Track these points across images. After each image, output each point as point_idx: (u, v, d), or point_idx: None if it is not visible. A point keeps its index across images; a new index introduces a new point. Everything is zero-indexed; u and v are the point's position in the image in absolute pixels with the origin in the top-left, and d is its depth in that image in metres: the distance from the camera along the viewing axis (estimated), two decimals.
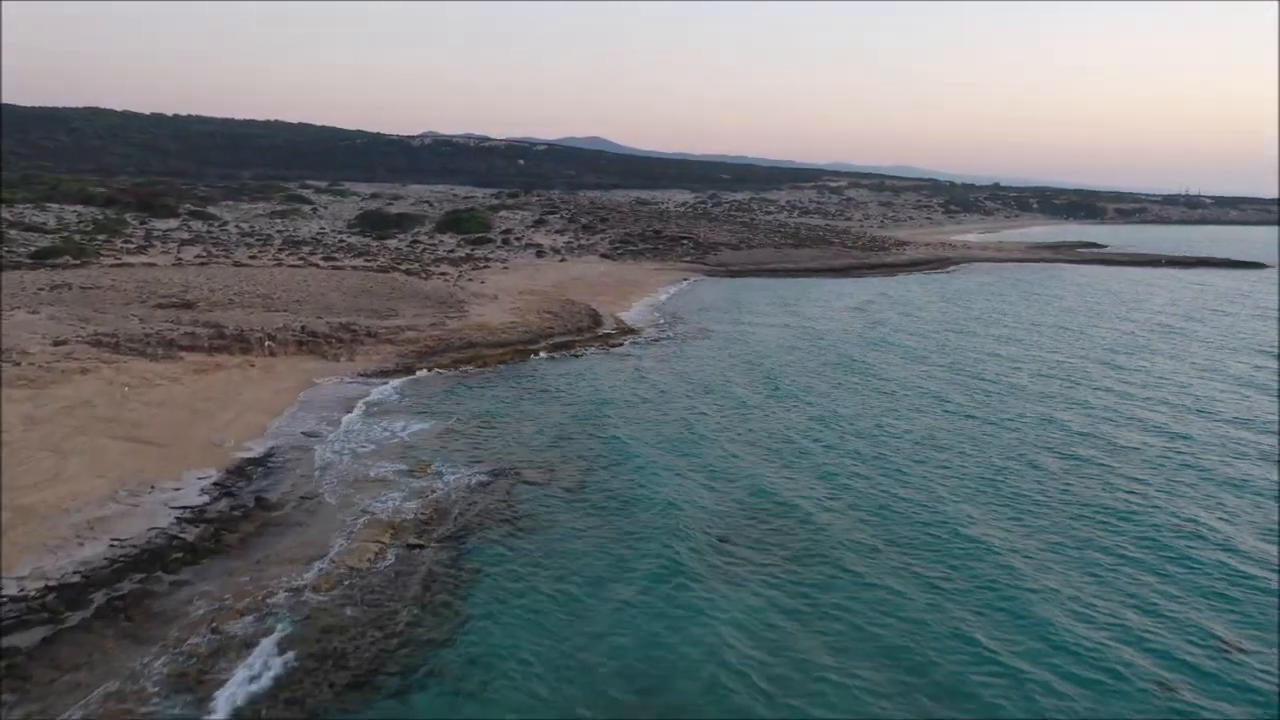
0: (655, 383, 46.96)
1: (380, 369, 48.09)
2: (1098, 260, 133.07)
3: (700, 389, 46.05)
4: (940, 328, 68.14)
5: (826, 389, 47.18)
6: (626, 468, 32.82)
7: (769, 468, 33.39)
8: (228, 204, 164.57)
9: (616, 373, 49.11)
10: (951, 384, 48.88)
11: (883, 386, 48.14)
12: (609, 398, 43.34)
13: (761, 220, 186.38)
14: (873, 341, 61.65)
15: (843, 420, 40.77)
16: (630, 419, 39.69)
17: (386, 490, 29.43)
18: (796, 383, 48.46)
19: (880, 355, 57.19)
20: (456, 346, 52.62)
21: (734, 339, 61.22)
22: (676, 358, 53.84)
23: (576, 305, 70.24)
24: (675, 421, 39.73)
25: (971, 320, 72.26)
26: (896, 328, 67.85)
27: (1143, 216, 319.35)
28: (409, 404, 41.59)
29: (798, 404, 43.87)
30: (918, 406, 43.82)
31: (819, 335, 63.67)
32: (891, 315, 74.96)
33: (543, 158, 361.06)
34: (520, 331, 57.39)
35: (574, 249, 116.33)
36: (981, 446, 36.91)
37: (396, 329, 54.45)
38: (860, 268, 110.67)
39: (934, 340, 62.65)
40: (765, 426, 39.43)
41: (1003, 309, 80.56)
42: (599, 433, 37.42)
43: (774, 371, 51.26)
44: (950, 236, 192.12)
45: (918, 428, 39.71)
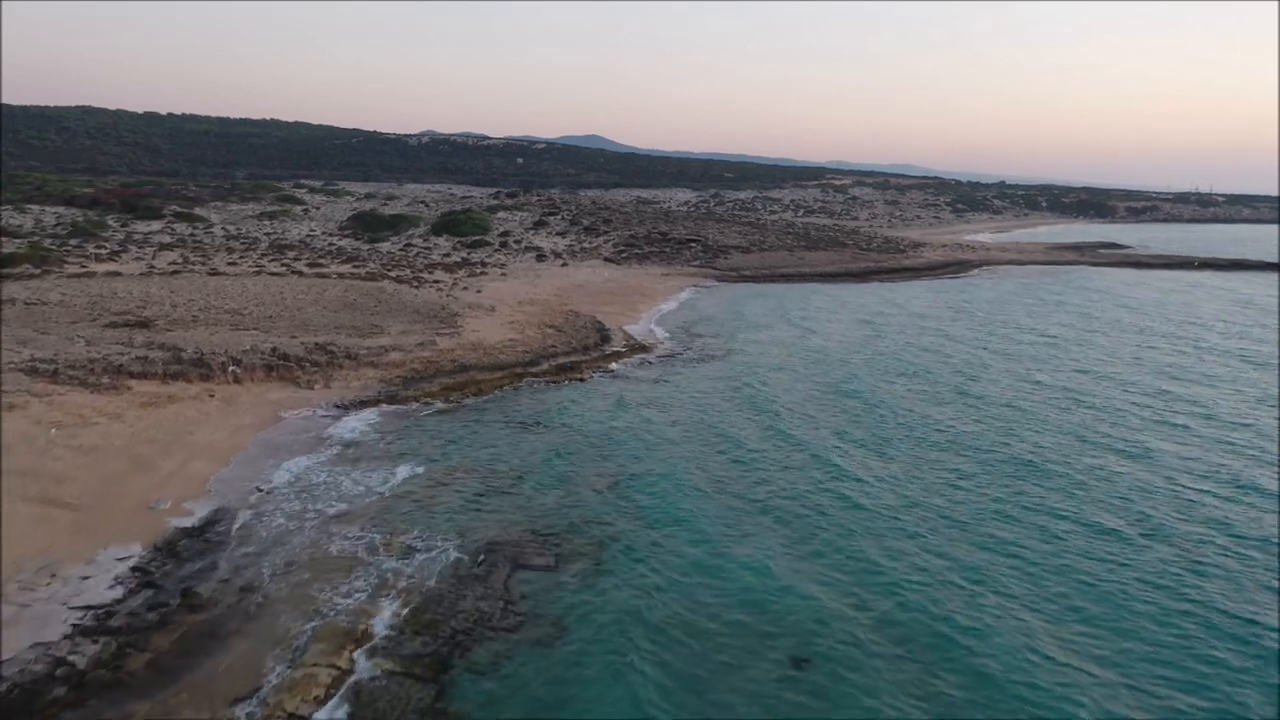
0: (674, 419, 40.64)
1: (360, 398, 42.01)
2: (1126, 263, 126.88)
3: (726, 430, 39.42)
4: (998, 356, 60.31)
5: (880, 439, 39.15)
6: (648, 544, 26.59)
7: (824, 563, 26.69)
8: (216, 205, 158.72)
9: (628, 405, 42.78)
10: (1057, 446, 38.88)
11: (958, 445, 38.41)
12: (622, 439, 37.07)
13: (767, 220, 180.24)
14: (922, 373, 53.16)
15: (910, 487, 33.02)
16: (649, 473, 33.30)
17: (351, 577, 23.37)
18: (849, 429, 40.49)
19: (946, 396, 46.98)
20: (447, 370, 46.49)
21: (758, 362, 54.89)
22: (695, 386, 47.46)
23: (581, 318, 64.15)
24: (702, 475, 33.28)
25: (1021, 345, 63.17)
26: (946, 353, 60.33)
27: (1154, 215, 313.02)
28: (389, 445, 35.48)
29: (859, 461, 35.64)
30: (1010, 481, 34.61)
31: (852, 359, 56.97)
32: (931, 334, 68.79)
33: (542, 156, 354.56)
34: (519, 351, 51.27)
35: (576, 252, 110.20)
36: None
37: (380, 350, 48.34)
38: (879, 272, 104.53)
39: (998, 377, 52.94)
40: (814, 490, 32.53)
41: (1045, 324, 74.04)
42: (613, 491, 31.12)
43: (817, 408, 44.04)
44: (963, 237, 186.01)
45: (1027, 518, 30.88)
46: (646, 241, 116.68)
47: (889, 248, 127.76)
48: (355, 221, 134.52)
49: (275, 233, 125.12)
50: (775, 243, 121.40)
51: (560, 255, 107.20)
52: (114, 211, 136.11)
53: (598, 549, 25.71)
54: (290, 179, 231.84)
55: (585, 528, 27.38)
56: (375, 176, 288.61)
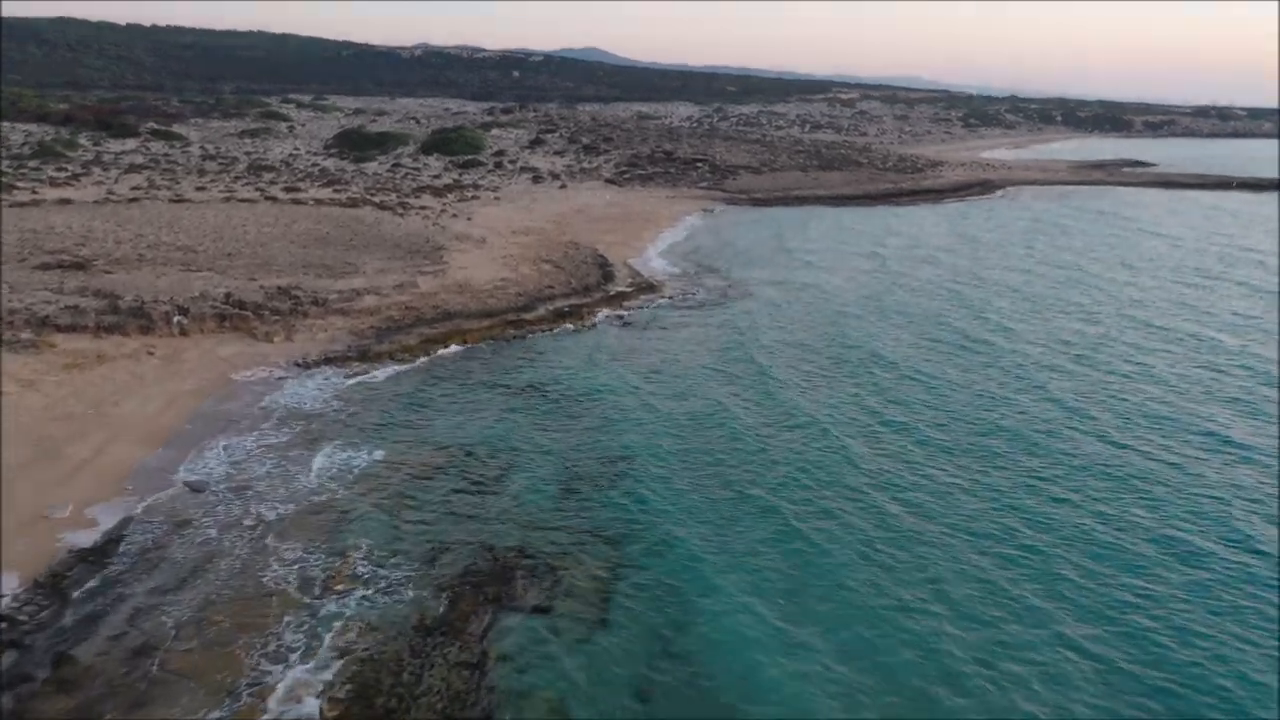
0: (690, 387, 34.46)
1: (325, 353, 36.22)
2: (1157, 182, 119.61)
3: (750, 409, 32.82)
4: (1045, 283, 54.96)
5: (947, 411, 32.66)
6: (664, 579, 20.73)
7: (884, 573, 21.29)
8: (197, 122, 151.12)
9: (637, 363, 36.79)
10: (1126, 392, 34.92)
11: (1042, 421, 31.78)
12: (629, 412, 31.17)
13: (773, 136, 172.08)
14: (974, 310, 47.52)
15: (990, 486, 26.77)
16: (662, 461, 27.43)
17: (282, 628, 17.90)
18: (902, 390, 34.69)
19: (997, 345, 41.38)
20: (429, 318, 40.55)
21: (781, 301, 48.71)
22: (711, 341, 41.15)
23: (581, 250, 57.98)
24: (725, 470, 26.99)
25: (1072, 279, 56.93)
26: (987, 281, 54.54)
27: (1172, 130, 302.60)
28: (354, 418, 29.77)
29: (918, 434, 30.31)
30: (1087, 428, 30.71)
31: (889, 295, 50.84)
32: (964, 257, 62.71)
33: (539, 70, 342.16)
34: (512, 294, 45.24)
35: (575, 173, 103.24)
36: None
37: (352, 293, 42.34)
38: (899, 194, 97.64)
39: (1047, 306, 48.34)
40: (868, 473, 26.91)
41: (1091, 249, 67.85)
42: (620, 487, 25.33)
43: (862, 363, 37.90)
44: (979, 154, 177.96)
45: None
46: (650, 161, 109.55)
47: (906, 167, 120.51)
48: (341, 140, 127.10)
49: (256, 152, 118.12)
50: (787, 162, 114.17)
51: (558, 176, 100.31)
52: (88, 129, 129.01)
53: (603, 584, 19.99)
54: (278, 94, 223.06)
55: (587, 547, 21.67)
56: (366, 91, 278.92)
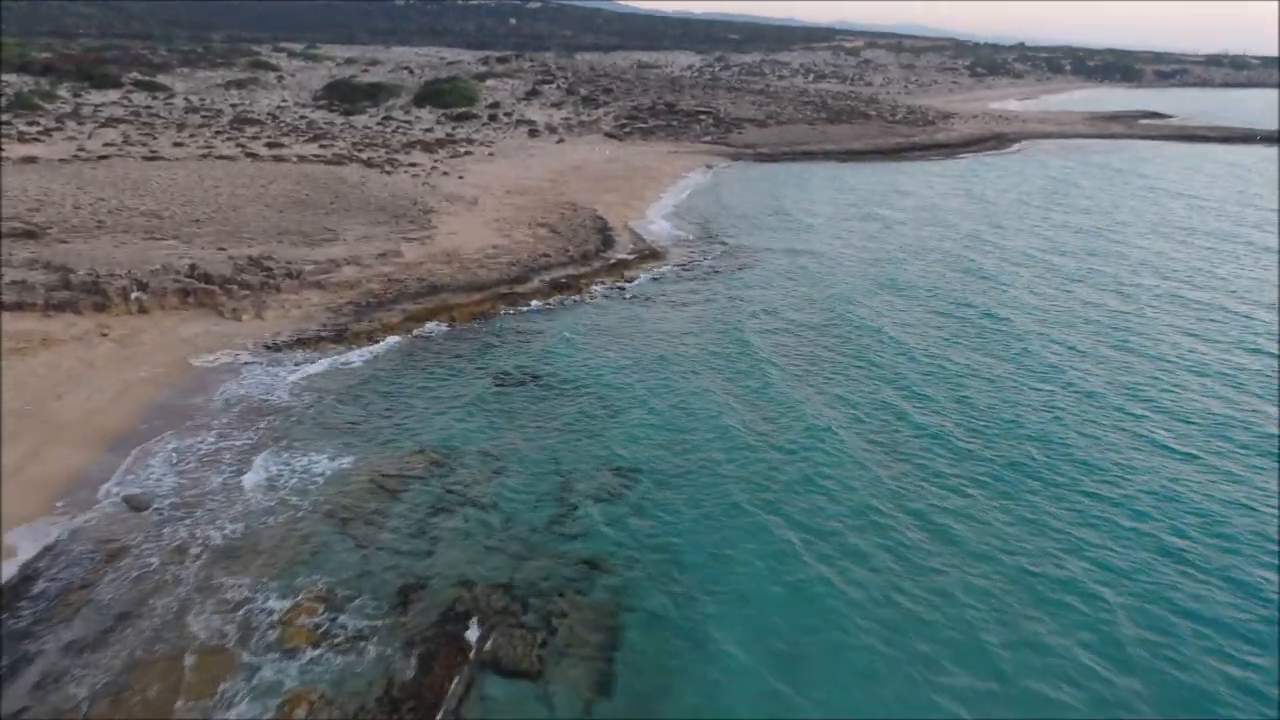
0: (696, 373, 31.13)
1: (298, 333, 32.98)
2: (1176, 135, 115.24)
3: (762, 390, 29.80)
4: (1070, 254, 51.48)
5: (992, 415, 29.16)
6: (670, 620, 17.78)
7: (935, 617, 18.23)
8: (183, 72, 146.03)
9: (638, 347, 33.49)
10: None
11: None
12: (636, 400, 28.11)
13: (777, 86, 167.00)
14: (996, 286, 44.18)
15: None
16: (665, 469, 24.11)
17: (218, 700, 14.84)
18: (920, 382, 31.06)
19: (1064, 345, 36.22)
20: (413, 292, 37.22)
21: (791, 272, 45.28)
22: (718, 312, 37.97)
23: (579, 212, 54.43)
24: (733, 476, 23.87)
25: (1100, 250, 53.34)
26: (1008, 253, 50.86)
27: (1183, 79, 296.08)
28: (324, 414, 26.60)
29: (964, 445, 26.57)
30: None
31: (905, 266, 47.47)
32: (982, 222, 59.25)
33: (537, 17, 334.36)
34: (505, 263, 41.83)
35: (573, 126, 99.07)
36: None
37: (330, 264, 38.96)
38: (911, 149, 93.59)
39: (1073, 280, 45.04)
40: (907, 494, 23.76)
41: (1115, 212, 64.29)
42: (624, 500, 22.23)
43: (876, 349, 34.29)
44: (989, 104, 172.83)
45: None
46: (651, 114, 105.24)
47: (917, 120, 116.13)
48: (330, 91, 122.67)
49: (242, 104, 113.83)
50: (794, 115, 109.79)
51: (555, 130, 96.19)
52: (70, 80, 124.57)
53: (601, 638, 16.91)
54: (270, 43, 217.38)
55: (581, 585, 18.57)
56: (361, 40, 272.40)
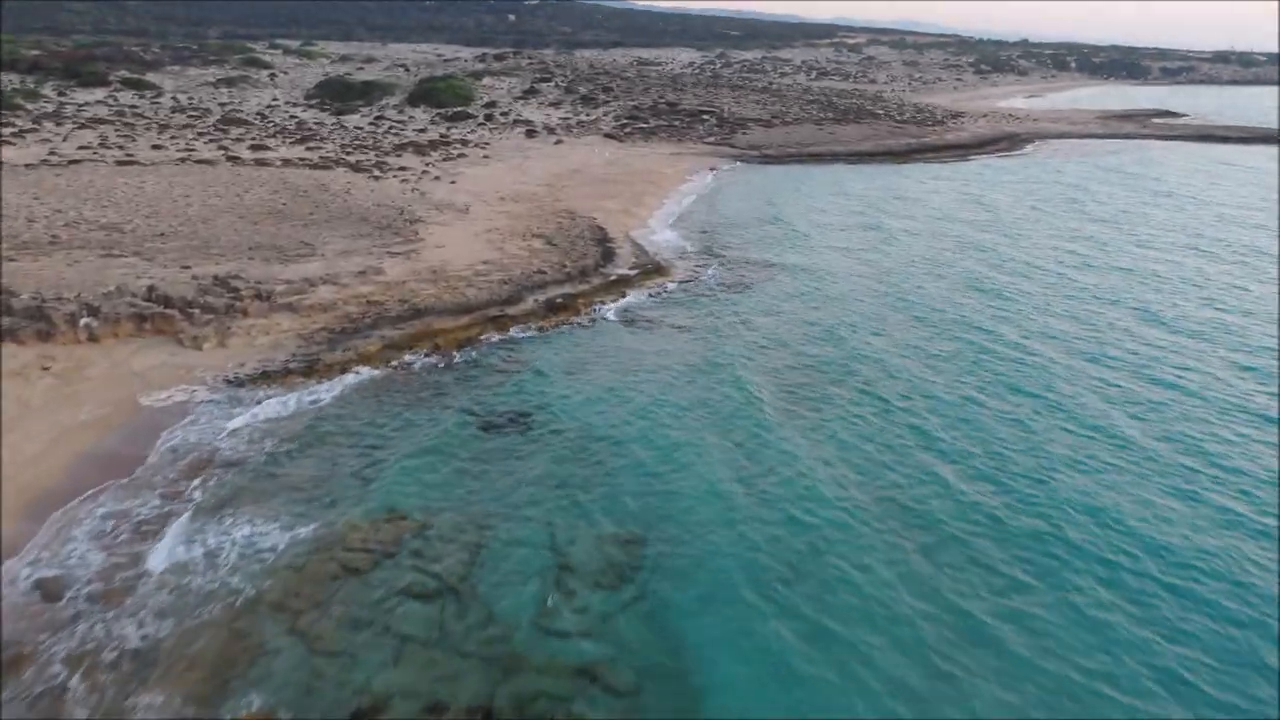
0: (710, 417, 27.24)
1: (264, 365, 29.61)
2: (1193, 135, 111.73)
3: (783, 441, 25.59)
4: (1110, 270, 48.50)
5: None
6: None
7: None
8: (173, 70, 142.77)
9: (643, 383, 29.69)
10: None
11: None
12: (637, 463, 24.18)
13: (780, 84, 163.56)
14: (1026, 318, 39.61)
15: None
16: (680, 543, 20.26)
17: None
18: (962, 439, 26.40)
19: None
20: (394, 315, 33.82)
21: (806, 292, 41.55)
22: (730, 339, 34.25)
23: (577, 221, 51.08)
24: (757, 553, 19.85)
25: (1135, 275, 47.73)
26: (1049, 273, 47.78)
27: (1190, 75, 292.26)
28: (283, 470, 23.19)
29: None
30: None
31: (927, 287, 43.49)
32: (1001, 233, 55.88)
33: (536, 13, 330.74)
34: (496, 280, 38.42)
35: (572, 126, 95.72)
36: None
37: (305, 284, 35.56)
38: (923, 150, 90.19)
39: (1120, 326, 39.36)
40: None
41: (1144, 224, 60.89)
42: (628, 589, 18.48)
43: (907, 393, 29.73)
44: (996, 103, 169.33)
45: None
46: (653, 113, 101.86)
47: (925, 119, 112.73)
48: (323, 90, 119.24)
49: (231, 103, 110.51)
50: (799, 114, 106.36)
51: (554, 130, 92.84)
52: (56, 78, 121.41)
53: None
54: (267, 39, 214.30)
55: (582, 708, 15.13)
56: (358, 36, 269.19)
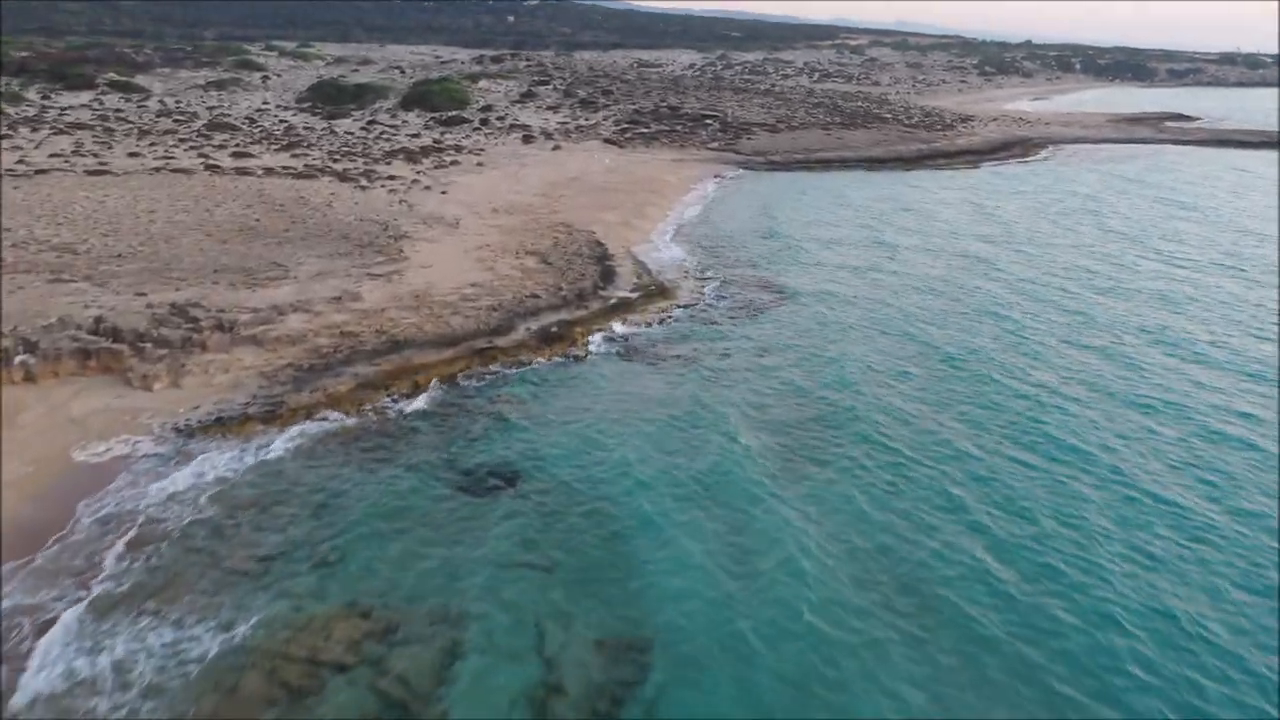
0: (723, 480, 23.69)
1: (219, 410, 26.29)
2: (1210, 140, 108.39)
3: (810, 511, 22.27)
4: (1148, 301, 45.15)
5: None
6: None
7: None
8: (163, 72, 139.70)
9: (645, 433, 26.22)
10: None
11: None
12: (639, 540, 20.74)
13: (782, 86, 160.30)
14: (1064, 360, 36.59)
15: None
16: (694, 653, 16.95)
17: None
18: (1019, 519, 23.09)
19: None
20: (369, 349, 30.46)
21: (819, 323, 38.04)
22: (738, 381, 30.75)
23: (574, 236, 47.77)
24: (780, 667, 16.74)
25: (1178, 307, 45.12)
26: (1079, 302, 44.37)
27: (1197, 77, 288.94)
28: (227, 546, 19.87)
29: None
30: None
31: (951, 321, 39.62)
32: (1027, 247, 52.62)
33: (535, 14, 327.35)
34: (485, 307, 35.06)
35: (570, 131, 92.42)
36: None
37: (273, 312, 32.21)
38: (935, 156, 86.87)
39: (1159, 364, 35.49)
40: None
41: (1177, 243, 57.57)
42: (631, 710, 15.34)
43: (937, 454, 25.96)
44: (1003, 105, 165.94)
45: None
46: (654, 118, 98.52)
47: (935, 124, 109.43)
48: (315, 93, 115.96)
49: (220, 106, 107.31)
50: (806, 118, 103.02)
51: (551, 136, 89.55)
52: (42, 80, 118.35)
53: None
54: (263, 40, 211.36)
55: None
56: (355, 37, 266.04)
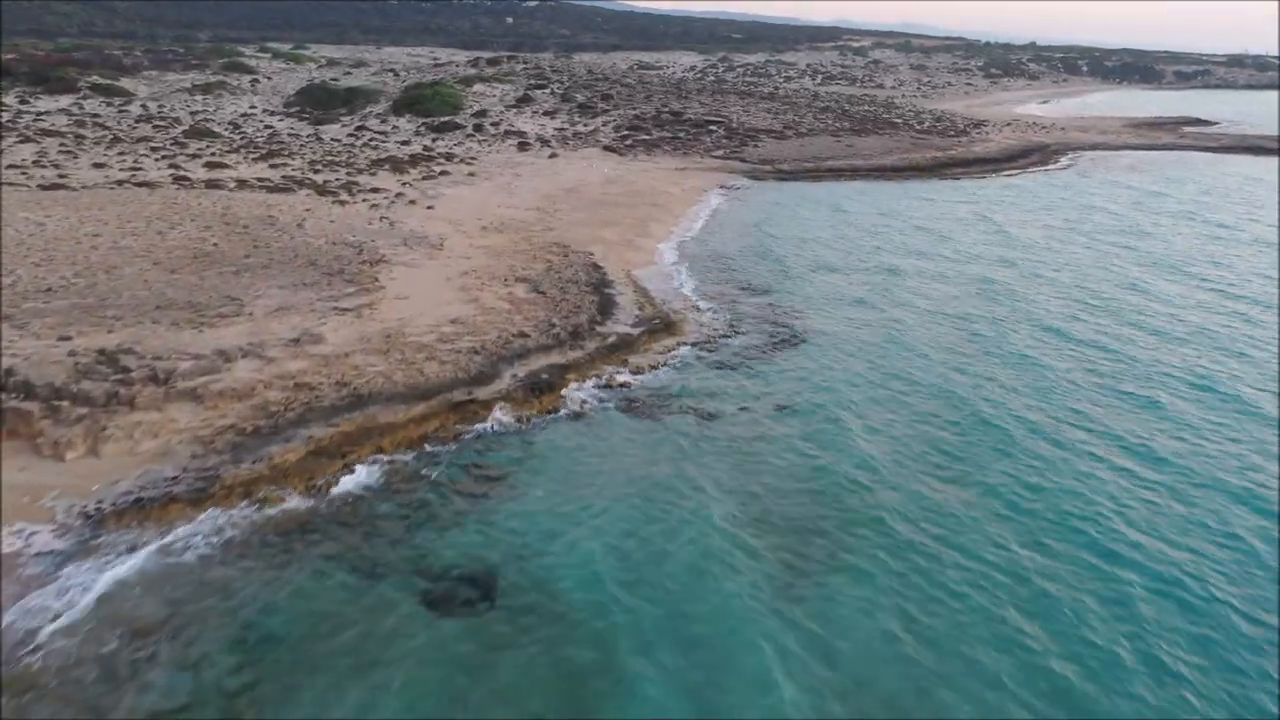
0: (736, 587, 19.28)
1: (139, 488, 21.85)
2: (1239, 146, 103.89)
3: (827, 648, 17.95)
4: (1212, 358, 39.45)
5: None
6: None
7: None
8: (150, 74, 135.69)
9: (650, 519, 21.66)
10: None
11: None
12: (644, 670, 16.42)
13: (787, 90, 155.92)
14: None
15: None
16: None
17: None
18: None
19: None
20: (327, 405, 25.97)
21: (847, 369, 33.60)
22: (761, 448, 26.01)
23: (570, 258, 43.37)
24: None
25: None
26: (1136, 348, 39.09)
27: (1205, 80, 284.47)
28: (113, 692, 15.47)
29: None
30: None
31: (998, 378, 34.01)
32: (1060, 267, 48.36)
33: (534, 15, 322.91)
34: (466, 349, 30.55)
35: (568, 138, 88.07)
36: None
37: (220, 358, 27.74)
38: (951, 165, 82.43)
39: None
40: None
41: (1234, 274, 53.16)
42: None
43: (994, 564, 21.28)
44: (1013, 109, 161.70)
45: None
46: (655, 124, 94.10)
47: (947, 129, 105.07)
48: (304, 97, 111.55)
49: (205, 111, 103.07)
50: (814, 124, 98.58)
51: (548, 143, 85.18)
52: (23, 83, 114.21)
53: None
54: (258, 42, 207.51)
55: None
56: (352, 39, 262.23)
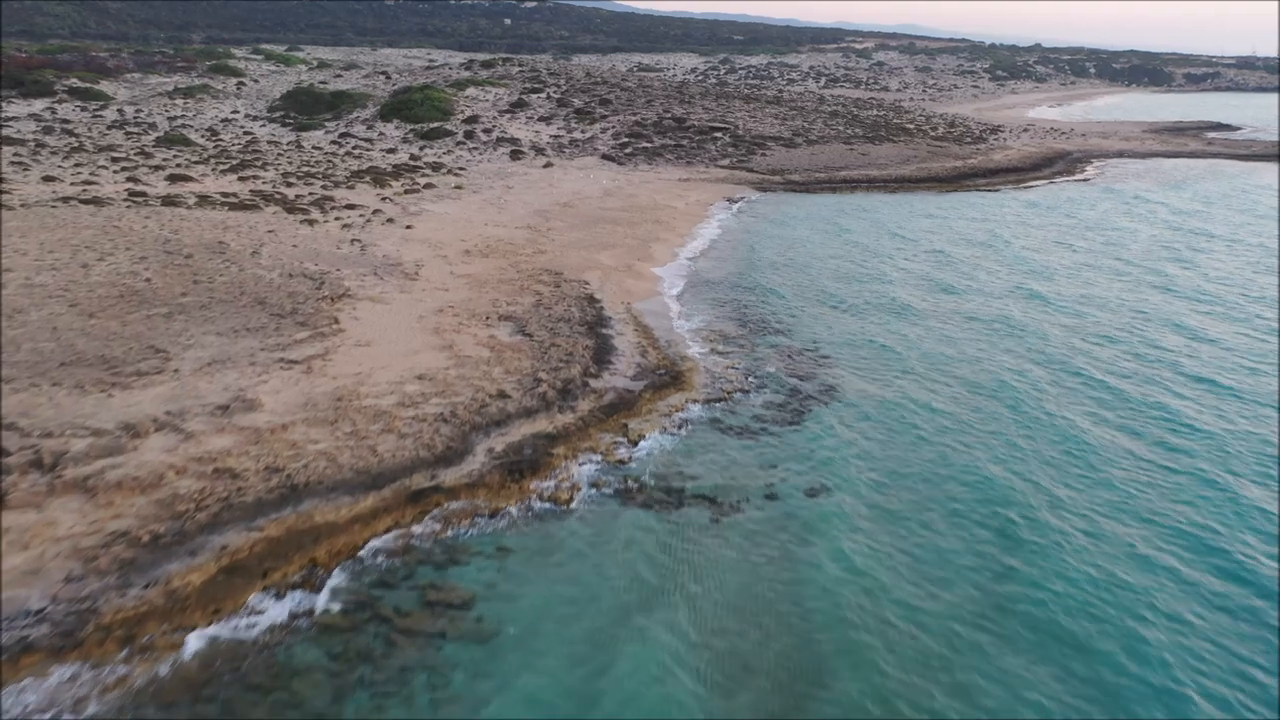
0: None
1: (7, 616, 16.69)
2: (1268, 155, 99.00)
3: None
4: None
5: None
6: None
7: None
8: (133, 77, 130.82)
9: (657, 666, 16.98)
10: None
11: None
12: None
13: (790, 92, 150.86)
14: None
15: None
16: None
17: None
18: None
19: None
20: (250, 503, 20.72)
21: (884, 443, 28.07)
22: (794, 561, 21.09)
23: (563, 289, 38.24)
24: None
25: None
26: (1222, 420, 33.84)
27: (1215, 82, 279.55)
28: None
29: None
30: None
31: (1076, 462, 27.73)
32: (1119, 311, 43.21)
33: (532, 16, 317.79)
34: (431, 416, 25.30)
35: (564, 146, 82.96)
36: None
37: (126, 434, 22.53)
38: (972, 175, 77.21)
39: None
40: None
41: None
42: None
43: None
44: (1026, 113, 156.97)
45: None
46: (657, 130, 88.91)
47: (963, 135, 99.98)
48: (289, 101, 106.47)
49: (184, 116, 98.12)
50: (825, 131, 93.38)
51: (543, 150, 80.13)
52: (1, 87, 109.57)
53: None
54: (251, 43, 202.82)
55: None
56: (348, 40, 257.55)
